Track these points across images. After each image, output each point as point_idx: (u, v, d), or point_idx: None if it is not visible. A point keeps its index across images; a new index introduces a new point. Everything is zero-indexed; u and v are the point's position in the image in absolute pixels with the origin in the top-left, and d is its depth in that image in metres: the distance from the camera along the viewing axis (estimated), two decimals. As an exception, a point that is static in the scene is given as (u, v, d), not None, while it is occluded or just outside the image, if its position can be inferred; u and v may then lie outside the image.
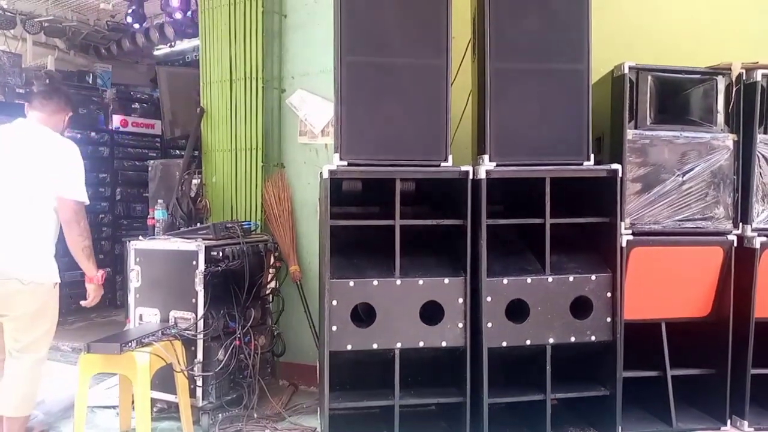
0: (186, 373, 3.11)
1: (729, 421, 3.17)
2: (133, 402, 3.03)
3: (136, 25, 6.01)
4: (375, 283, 2.90)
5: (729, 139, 3.15)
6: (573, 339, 3.00)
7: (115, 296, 6.22)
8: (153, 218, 3.90)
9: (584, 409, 3.22)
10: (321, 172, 2.90)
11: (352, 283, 2.88)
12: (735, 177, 3.15)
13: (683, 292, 3.18)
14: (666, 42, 3.69)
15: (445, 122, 2.96)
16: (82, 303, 3.16)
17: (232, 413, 3.36)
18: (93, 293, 3.16)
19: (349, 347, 2.88)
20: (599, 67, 3.18)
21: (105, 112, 6.66)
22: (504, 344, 2.96)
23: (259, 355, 3.48)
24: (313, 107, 3.97)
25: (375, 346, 2.89)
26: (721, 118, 3.15)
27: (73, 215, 3.00)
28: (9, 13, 6.50)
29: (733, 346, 3.12)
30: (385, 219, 2.98)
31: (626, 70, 3.07)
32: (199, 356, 3.24)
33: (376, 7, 2.94)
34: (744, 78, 3.15)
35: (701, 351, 3.24)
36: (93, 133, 6.55)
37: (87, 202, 3.07)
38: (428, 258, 3.05)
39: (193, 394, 3.22)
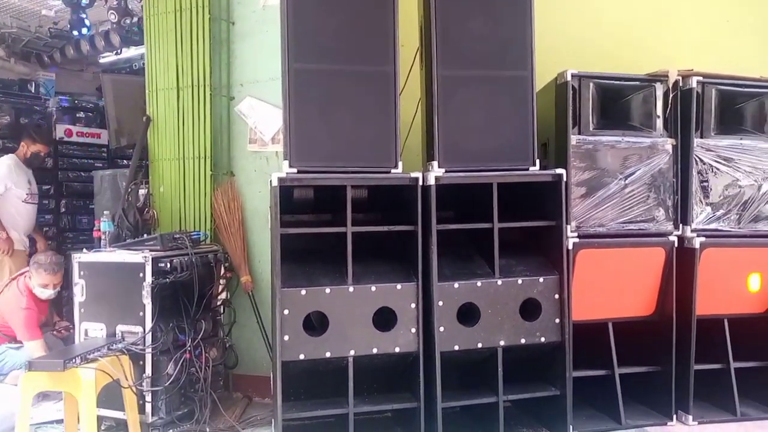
0: (134, 388, 3.06)
1: (675, 416, 3.30)
2: (79, 420, 2.95)
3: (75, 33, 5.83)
4: (327, 290, 2.92)
5: (668, 144, 3.30)
6: (523, 341, 3.08)
7: (60, 312, 6.03)
8: (98, 230, 3.82)
9: (536, 410, 3.30)
10: (271, 180, 2.91)
11: (303, 292, 2.89)
12: (675, 180, 3.30)
13: (628, 292, 3.31)
14: (608, 50, 3.84)
15: (395, 129, 3.02)
16: None
17: (183, 428, 3.31)
18: None
19: (301, 357, 2.88)
20: (544, 74, 3.30)
21: (48, 122, 6.48)
22: (456, 348, 3.02)
23: (211, 368, 3.44)
24: (263, 115, 3.97)
25: (328, 354, 2.91)
26: (660, 123, 3.30)
27: None
28: (-57, 19, 6.27)
29: (676, 344, 3.26)
30: (336, 226, 3.01)
31: (569, 78, 3.19)
32: (148, 371, 3.19)
33: (324, 14, 2.99)
34: (681, 84, 3.31)
35: (647, 349, 3.37)
36: (36, 144, 6.35)
37: None
38: (381, 264, 3.09)
39: (142, 410, 3.17)
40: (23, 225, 4.97)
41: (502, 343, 3.06)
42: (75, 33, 5.79)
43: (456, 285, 3.03)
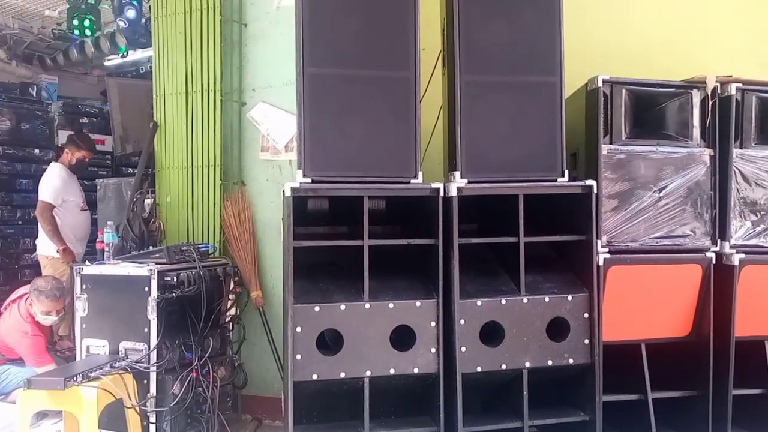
0: (138, 408, 3.05)
1: (712, 445, 3.23)
2: (79, 442, 2.94)
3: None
4: (342, 307, 2.89)
5: (705, 154, 3.25)
6: (550, 362, 3.03)
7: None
8: (102, 242, 3.83)
9: (564, 437, 3.24)
10: (284, 190, 2.90)
11: (317, 308, 2.87)
12: (712, 192, 3.25)
13: (662, 312, 3.25)
14: (640, 55, 3.80)
15: (415, 137, 3.00)
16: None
17: (189, 451, 3.29)
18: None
19: (314, 377, 2.85)
20: (573, 80, 3.27)
21: (50, 128, 6.54)
22: (479, 369, 2.97)
23: (219, 388, 3.44)
24: (276, 121, 3.97)
25: (343, 375, 2.88)
26: (697, 132, 3.25)
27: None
28: (-56, 21, 6.37)
29: (714, 367, 3.19)
30: (353, 239, 2.98)
31: (600, 84, 3.16)
32: (153, 390, 3.19)
33: (341, 16, 2.98)
34: (719, 92, 3.26)
35: (682, 372, 3.31)
36: (36, 150, 6.42)
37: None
38: (399, 280, 3.06)
39: (146, 431, 3.15)
40: (83, 235, 5.06)
41: (527, 364, 3.01)
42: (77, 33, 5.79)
43: (479, 302, 2.99)
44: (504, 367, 3.00)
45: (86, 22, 5.61)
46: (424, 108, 3.09)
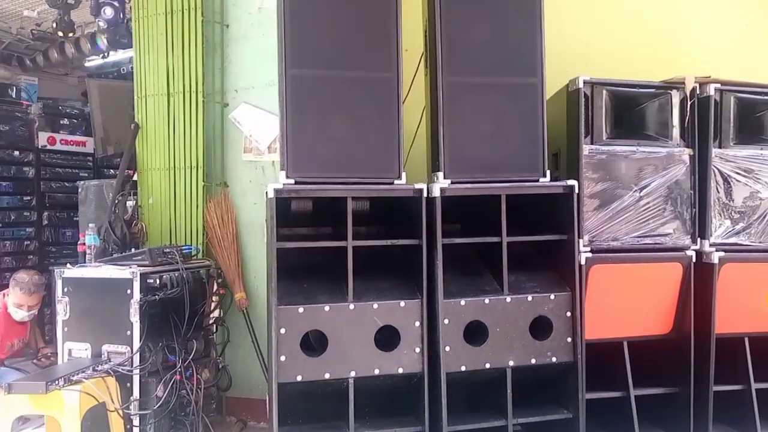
0: (121, 412, 3.04)
1: (693, 440, 3.28)
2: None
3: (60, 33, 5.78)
4: (326, 308, 2.91)
5: (685, 154, 3.31)
6: (533, 361, 3.07)
7: (43, 331, 6.00)
8: (83, 244, 3.81)
9: (548, 435, 3.28)
10: (267, 192, 2.91)
11: (301, 309, 2.88)
12: (692, 192, 3.31)
13: (644, 310, 3.30)
14: (621, 56, 3.87)
15: (398, 138, 3.02)
16: None
17: (173, 454, 3.29)
18: None
19: (299, 378, 2.86)
20: (554, 81, 3.31)
21: (30, 129, 6.47)
22: (463, 368, 3.00)
23: (203, 390, 3.43)
24: (259, 122, 3.97)
25: (327, 376, 2.89)
26: (676, 132, 3.31)
27: None
28: None
29: (694, 364, 3.25)
30: (336, 240, 3.01)
31: (581, 84, 3.20)
32: (136, 393, 3.17)
33: (323, 17, 3.00)
34: (698, 92, 3.32)
35: (664, 369, 3.36)
36: (16, 152, 6.35)
37: None
38: (383, 280, 3.09)
39: (129, 435, 3.14)
40: None
41: (511, 363, 3.05)
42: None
43: (462, 302, 3.02)
44: (488, 366, 3.04)
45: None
46: (407, 109, 3.12)
